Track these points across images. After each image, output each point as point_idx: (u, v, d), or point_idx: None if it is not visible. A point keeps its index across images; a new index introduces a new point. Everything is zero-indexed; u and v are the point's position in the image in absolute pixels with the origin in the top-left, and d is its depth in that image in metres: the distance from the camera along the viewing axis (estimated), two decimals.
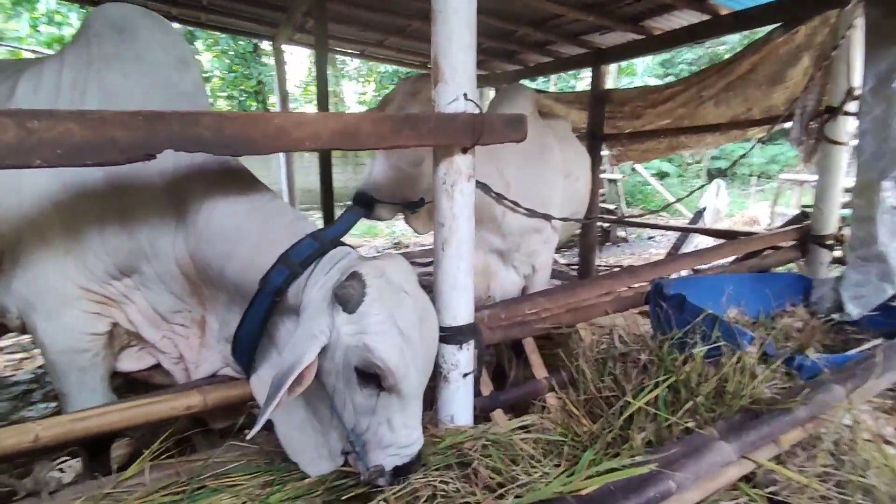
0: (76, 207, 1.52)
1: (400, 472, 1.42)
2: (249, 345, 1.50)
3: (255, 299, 1.45)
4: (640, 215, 9.30)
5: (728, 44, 13.84)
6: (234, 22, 5.38)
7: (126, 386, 2.10)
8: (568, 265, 6.44)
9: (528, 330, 2.15)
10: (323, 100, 3.54)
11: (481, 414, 1.95)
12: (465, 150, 1.67)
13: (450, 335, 1.80)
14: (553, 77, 13.41)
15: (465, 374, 1.86)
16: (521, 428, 1.90)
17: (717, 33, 4.01)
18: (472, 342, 1.86)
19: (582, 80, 14.38)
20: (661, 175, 14.63)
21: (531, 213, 2.39)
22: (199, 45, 11.97)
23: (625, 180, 9.78)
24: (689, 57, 15.16)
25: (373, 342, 1.30)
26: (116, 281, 1.61)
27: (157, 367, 1.86)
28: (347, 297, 1.31)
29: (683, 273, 3.51)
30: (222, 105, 14.34)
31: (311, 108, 16.44)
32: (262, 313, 1.45)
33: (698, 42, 4.12)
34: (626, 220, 7.26)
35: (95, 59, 1.59)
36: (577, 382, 2.09)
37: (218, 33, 11.48)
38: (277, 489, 1.54)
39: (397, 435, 1.40)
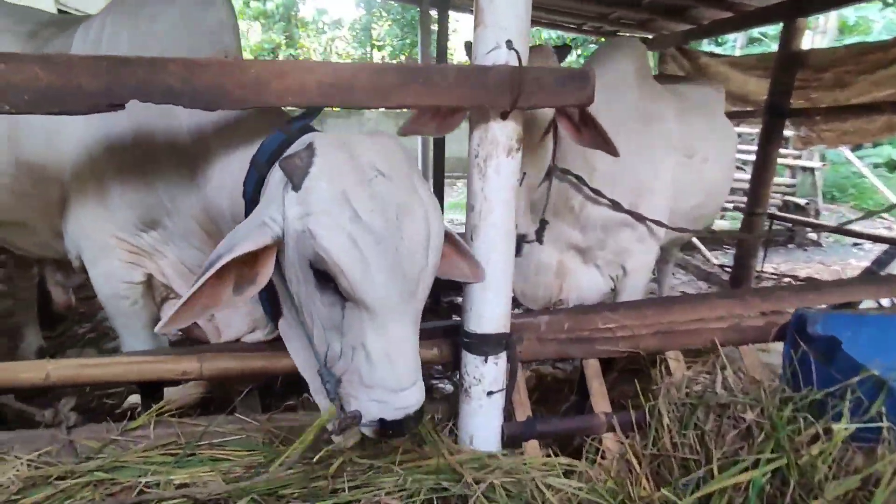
0: (105, 159, 1.54)
1: (386, 428, 1.09)
2: None
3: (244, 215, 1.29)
4: (847, 221, 7.39)
5: None
6: None
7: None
8: (722, 267, 5.38)
9: (592, 350, 1.71)
10: (442, 59, 3.34)
11: (511, 442, 1.61)
12: (504, 115, 1.30)
13: (472, 343, 1.49)
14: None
15: (491, 393, 1.53)
16: (557, 471, 1.51)
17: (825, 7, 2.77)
18: (502, 356, 1.52)
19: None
20: (892, 166, 11.40)
21: (616, 207, 1.86)
22: (374, 12, 12.63)
23: (826, 169, 7.75)
24: None
25: (313, 224, 1.00)
26: (144, 233, 1.64)
27: (194, 322, 1.89)
28: (291, 168, 1.02)
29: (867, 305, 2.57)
30: None
31: None
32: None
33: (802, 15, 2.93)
34: (790, 223, 5.24)
35: (129, 6, 1.60)
36: (648, 428, 1.61)
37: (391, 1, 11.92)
38: (257, 473, 1.43)
39: (376, 367, 1.06)
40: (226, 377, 1.56)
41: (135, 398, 2.07)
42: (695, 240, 5.73)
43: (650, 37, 5.83)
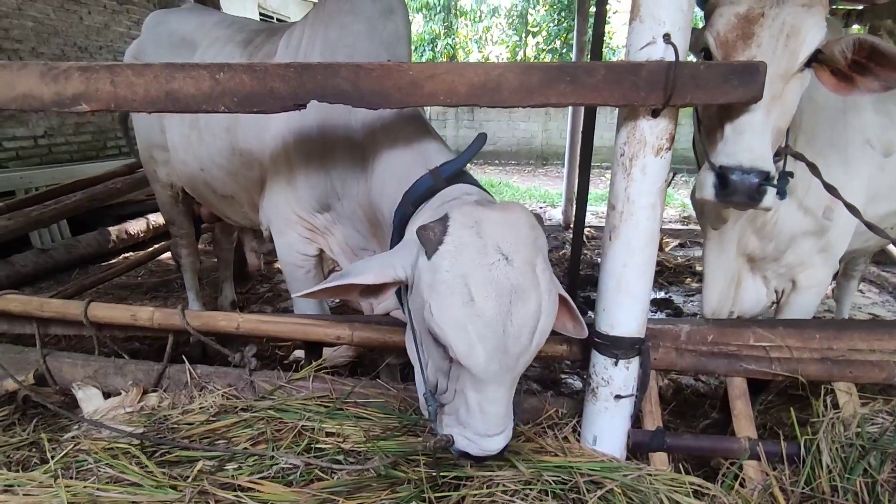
0: (296, 148, 1.81)
1: (469, 459, 1.22)
2: None
3: (392, 235, 1.47)
4: None
5: None
6: None
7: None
8: None
9: (738, 368, 1.56)
10: (597, 48, 3.23)
11: (637, 450, 1.56)
12: (655, 113, 1.24)
13: (603, 345, 1.47)
14: None
15: (619, 397, 1.50)
16: (686, 489, 1.43)
17: None
18: (634, 360, 1.47)
19: None
20: None
21: (870, 227, 1.51)
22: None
23: None
24: None
25: (435, 304, 1.09)
26: (319, 214, 1.88)
27: None
28: (426, 239, 1.12)
29: None
30: (547, 59, 14.82)
31: None
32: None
33: None
34: None
35: (323, 16, 1.81)
36: (802, 465, 1.44)
37: None
38: (384, 440, 1.60)
39: (472, 417, 1.17)
40: (370, 345, 1.75)
41: (299, 352, 2.41)
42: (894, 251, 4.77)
43: (859, 7, 4.91)
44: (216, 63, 1.32)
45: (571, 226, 6.30)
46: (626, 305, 1.42)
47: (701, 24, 1.45)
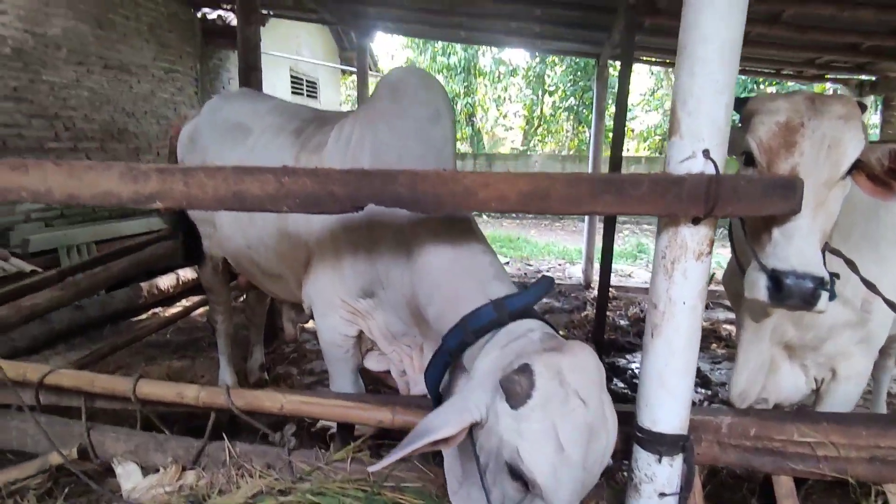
0: (343, 237, 1.89)
1: None
2: (432, 388, 1.57)
3: (437, 352, 1.51)
4: None
5: None
6: (564, 45, 5.63)
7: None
8: None
9: (784, 466, 1.54)
10: (622, 115, 3.41)
11: None
12: (696, 220, 1.31)
13: (646, 440, 1.47)
14: None
15: (663, 495, 1.48)
16: None
17: None
18: (678, 457, 1.47)
19: None
20: None
21: (892, 306, 1.54)
22: (548, 60, 13.09)
23: None
24: None
25: (525, 452, 1.18)
26: (362, 299, 1.95)
27: (391, 371, 2.17)
28: (512, 392, 1.20)
29: None
30: (563, 117, 15.29)
31: (655, 117, 15.84)
32: (440, 367, 1.50)
33: None
34: None
35: (374, 116, 1.92)
36: None
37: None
38: None
39: None
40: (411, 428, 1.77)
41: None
42: None
43: (872, 79, 5.06)
44: (281, 167, 1.42)
45: (592, 285, 6.31)
46: (667, 402, 1.43)
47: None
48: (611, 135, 3.82)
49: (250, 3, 3.95)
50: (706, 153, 1.27)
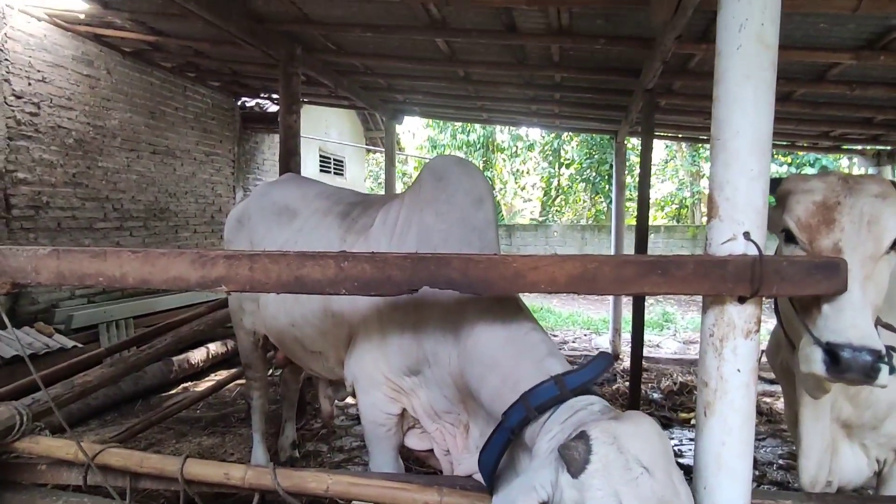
0: (389, 316, 1.96)
1: None
2: (489, 468, 1.53)
3: (496, 429, 1.50)
4: None
5: None
6: (582, 123, 5.93)
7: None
8: None
9: None
10: (645, 187, 3.54)
11: None
12: (742, 300, 1.35)
13: None
14: None
15: None
16: None
17: None
18: None
19: None
20: None
21: None
22: (564, 136, 13.68)
23: None
24: None
25: None
26: (407, 377, 1.98)
27: (432, 451, 2.15)
28: (570, 459, 1.20)
29: None
30: (580, 188, 15.68)
31: (669, 186, 16.16)
32: (500, 445, 1.48)
33: None
34: None
35: (420, 202, 2.04)
36: None
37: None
38: None
39: None
40: None
41: None
42: None
43: (888, 148, 5.18)
44: (341, 253, 1.53)
45: (621, 356, 6.20)
46: (727, 486, 1.39)
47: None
48: (628, 204, 3.93)
49: (293, 94, 4.31)
50: (746, 235, 1.34)
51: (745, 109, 1.34)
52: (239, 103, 7.62)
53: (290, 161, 4.39)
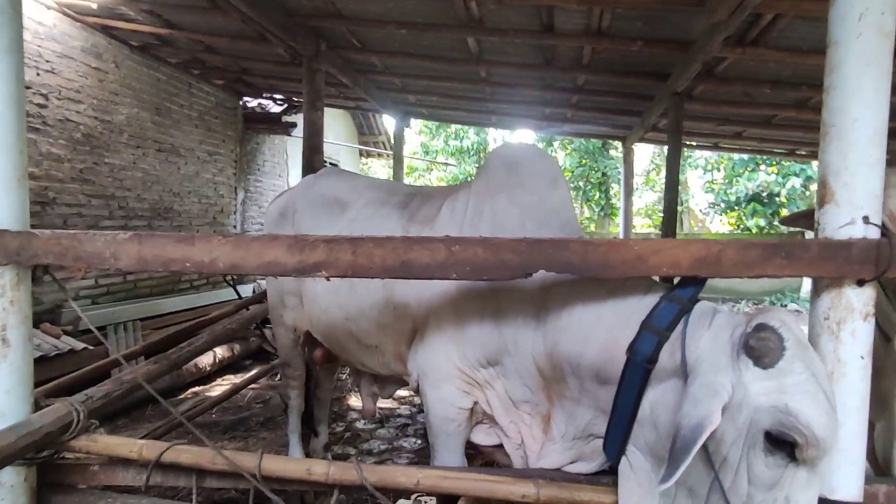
0: (464, 305, 1.93)
1: None
2: (624, 424, 1.48)
3: (624, 374, 1.45)
4: None
5: None
6: (590, 128, 6.01)
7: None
8: None
9: None
10: (672, 192, 3.57)
11: None
12: (861, 282, 1.37)
13: None
14: None
15: None
16: None
17: None
18: None
19: None
20: None
21: None
22: (555, 143, 13.85)
23: None
24: None
25: (799, 404, 1.16)
26: (483, 369, 1.94)
27: (500, 447, 2.12)
28: (764, 349, 1.19)
29: None
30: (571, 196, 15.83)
31: (653, 196, 16.50)
32: (637, 384, 1.43)
33: None
34: None
35: (491, 189, 2.03)
36: None
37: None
38: None
39: None
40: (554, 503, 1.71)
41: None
42: None
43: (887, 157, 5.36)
44: (451, 237, 1.50)
45: None
46: (844, 467, 1.41)
47: None
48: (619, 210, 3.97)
49: (317, 91, 4.26)
50: (866, 219, 1.36)
51: (865, 98, 1.37)
52: (241, 102, 7.49)
53: (313, 158, 4.33)
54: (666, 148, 4.45)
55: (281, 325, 2.85)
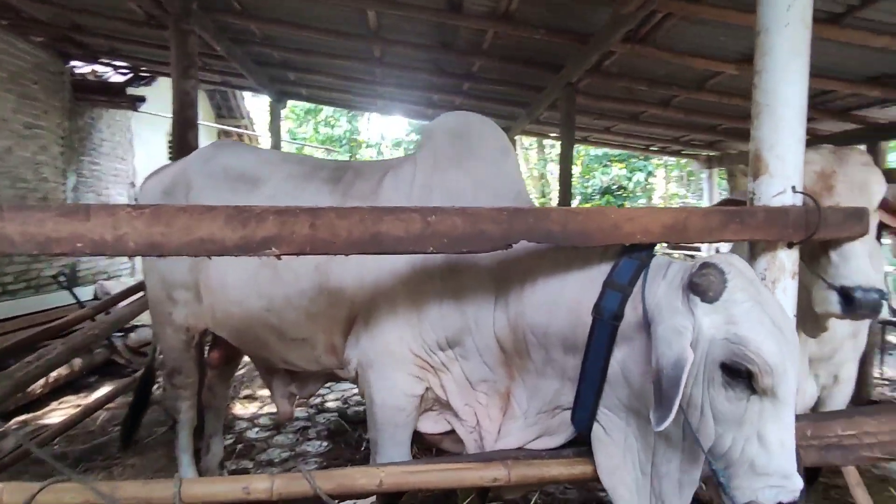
0: (420, 286, 1.79)
1: None
2: (596, 386, 1.47)
3: (591, 335, 1.45)
4: None
5: None
6: None
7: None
8: None
9: (852, 457, 1.78)
10: (565, 184, 3.78)
11: None
12: (790, 245, 1.55)
13: None
14: None
15: None
16: None
17: None
18: None
19: None
20: None
21: None
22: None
23: None
24: None
25: (746, 331, 1.19)
26: (441, 351, 1.83)
27: (449, 433, 2.02)
28: (707, 284, 1.23)
29: None
30: None
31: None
32: (606, 340, 1.43)
33: None
34: None
35: (440, 161, 1.92)
36: None
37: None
38: None
39: (773, 455, 1.20)
40: (527, 483, 1.67)
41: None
42: None
43: (718, 154, 6.35)
44: (426, 207, 1.36)
45: None
46: None
47: None
48: None
49: (189, 55, 3.68)
50: (794, 189, 1.54)
51: (792, 80, 1.54)
52: (68, 67, 6.19)
53: (187, 135, 3.74)
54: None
55: (168, 325, 2.39)
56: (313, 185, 2.10)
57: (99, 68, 6.51)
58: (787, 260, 1.56)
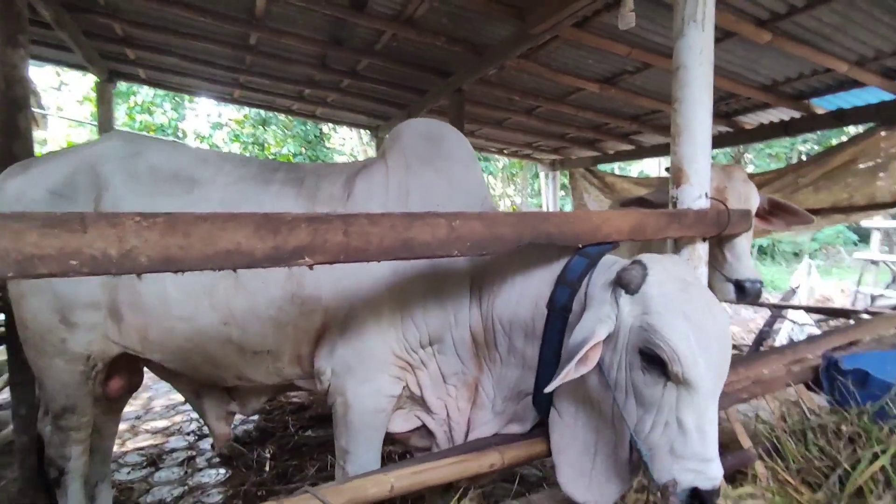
0: (407, 289, 1.80)
1: (699, 499, 1.24)
2: (552, 371, 1.55)
3: (547, 325, 1.59)
4: None
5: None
6: (348, 115, 6.02)
7: None
8: None
9: (729, 400, 2.32)
10: None
11: None
12: (704, 239, 1.96)
13: None
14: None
15: None
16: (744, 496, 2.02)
17: (811, 129, 4.41)
18: None
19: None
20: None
21: None
22: (272, 126, 13.05)
23: None
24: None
25: (654, 320, 1.27)
26: (422, 349, 1.86)
27: (416, 430, 2.06)
28: (629, 278, 1.35)
29: None
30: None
31: None
32: (558, 329, 1.56)
33: (791, 135, 4.48)
34: None
35: (413, 164, 1.94)
36: (781, 454, 2.22)
37: (288, 120, 12.48)
38: None
39: (690, 439, 1.25)
40: (518, 462, 1.81)
41: None
42: None
43: (559, 158, 7.26)
44: (451, 212, 1.41)
45: None
46: None
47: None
48: None
49: (16, 18, 2.96)
50: (706, 195, 1.95)
51: (705, 109, 1.95)
52: None
53: (16, 119, 2.99)
54: None
55: (58, 356, 1.96)
56: (273, 188, 1.94)
57: None
58: (702, 251, 1.97)
